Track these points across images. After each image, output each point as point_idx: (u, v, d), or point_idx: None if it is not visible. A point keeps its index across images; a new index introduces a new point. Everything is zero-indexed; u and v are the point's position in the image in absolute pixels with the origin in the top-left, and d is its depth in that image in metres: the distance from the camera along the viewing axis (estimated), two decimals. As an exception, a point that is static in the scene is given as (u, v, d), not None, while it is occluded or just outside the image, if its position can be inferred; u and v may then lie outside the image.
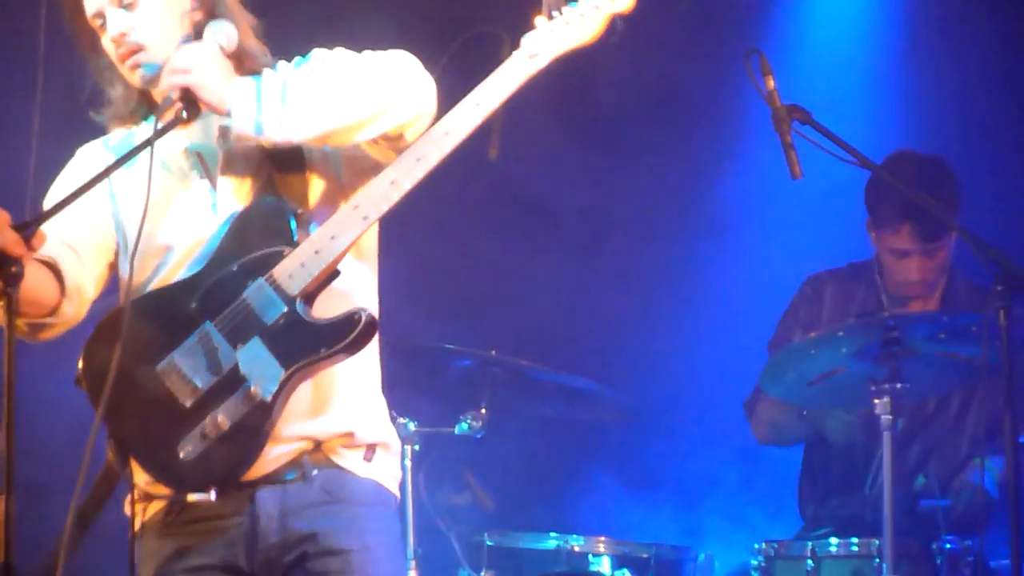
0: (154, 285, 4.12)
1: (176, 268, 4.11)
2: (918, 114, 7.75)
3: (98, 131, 4.30)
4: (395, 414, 6.24)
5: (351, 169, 4.11)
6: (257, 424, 3.93)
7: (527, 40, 3.80)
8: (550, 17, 3.78)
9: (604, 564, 6.34)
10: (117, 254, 4.22)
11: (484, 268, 7.47)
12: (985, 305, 5.66)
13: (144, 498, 4.09)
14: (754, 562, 6.18)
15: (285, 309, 3.95)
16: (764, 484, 7.43)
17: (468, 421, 6.42)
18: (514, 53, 3.80)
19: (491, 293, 7.41)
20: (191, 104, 3.93)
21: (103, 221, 4.20)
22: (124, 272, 4.15)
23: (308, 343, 3.94)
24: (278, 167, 4.05)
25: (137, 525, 4.09)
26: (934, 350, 5.88)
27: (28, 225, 3.65)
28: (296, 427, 4.02)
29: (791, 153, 5.56)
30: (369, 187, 3.96)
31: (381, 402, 4.20)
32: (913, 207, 6.50)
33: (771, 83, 5.64)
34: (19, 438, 3.53)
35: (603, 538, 6.32)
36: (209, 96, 3.92)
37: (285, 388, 3.93)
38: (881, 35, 8.04)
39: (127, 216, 4.16)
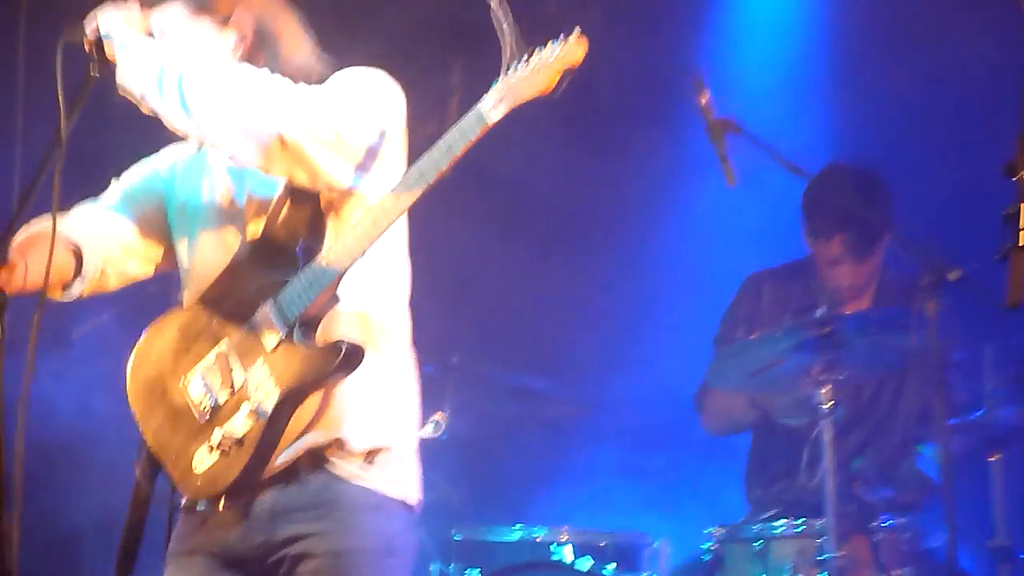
0: (188, 300, 4.24)
1: (203, 284, 4.20)
2: (852, 120, 7.82)
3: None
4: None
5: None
6: (259, 440, 3.98)
7: (489, 93, 3.83)
8: (507, 72, 3.82)
9: (566, 552, 6.40)
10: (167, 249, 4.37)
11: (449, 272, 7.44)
12: (915, 297, 5.86)
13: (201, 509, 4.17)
14: (706, 546, 6.27)
15: (284, 334, 4.01)
16: (713, 474, 7.46)
17: (432, 423, 6.53)
18: (477, 105, 3.84)
19: (453, 296, 7.42)
20: (100, 54, 4.02)
21: (156, 216, 4.35)
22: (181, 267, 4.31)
23: (301, 368, 3.98)
24: (294, 197, 4.10)
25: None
26: (867, 341, 6.00)
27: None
28: (294, 438, 4.04)
29: (726, 163, 5.75)
30: (355, 225, 3.98)
31: (385, 407, 4.17)
32: (846, 219, 6.62)
33: (705, 97, 5.83)
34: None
35: (565, 528, 6.39)
36: (112, 50, 4.01)
37: (283, 408, 3.97)
38: (816, 43, 8.09)
39: (179, 225, 4.31)
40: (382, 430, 4.16)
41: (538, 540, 6.36)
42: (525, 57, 3.84)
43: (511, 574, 6.40)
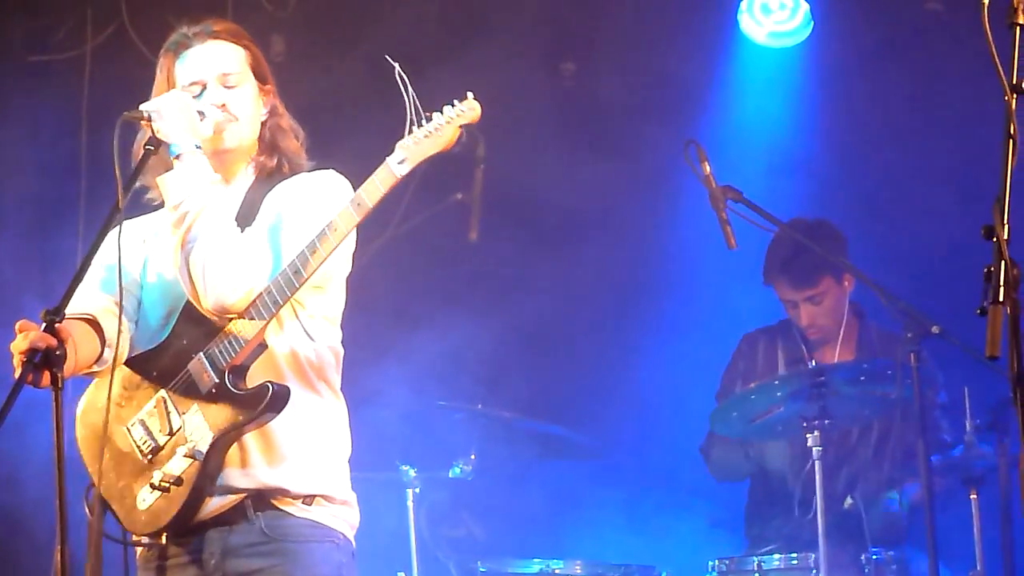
0: (129, 355, 4.27)
1: (145, 342, 4.25)
2: (840, 184, 7.83)
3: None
4: (398, 461, 6.49)
5: None
6: (196, 479, 4.03)
7: (396, 151, 3.95)
8: (410, 131, 3.93)
9: (581, 583, 6.40)
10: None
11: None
12: (896, 349, 5.92)
13: (134, 542, 4.19)
14: (708, 576, 6.29)
15: (216, 381, 4.06)
16: (715, 511, 7.48)
17: (460, 466, 6.56)
18: (386, 159, 3.96)
19: (475, 352, 7.48)
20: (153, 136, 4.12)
21: (135, 278, 4.34)
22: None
23: (231, 412, 4.03)
24: None
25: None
26: (855, 390, 6.08)
27: (58, 310, 3.86)
28: (236, 480, 4.09)
29: (727, 228, 5.84)
30: (277, 279, 4.04)
31: (324, 457, 4.22)
32: (783, 262, 6.71)
33: (707, 168, 5.90)
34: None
35: (580, 561, 6.37)
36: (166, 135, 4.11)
37: (216, 449, 4.04)
38: (805, 109, 8.10)
39: (143, 276, 4.34)
40: (320, 476, 4.20)
41: (556, 572, 6.36)
42: (425, 119, 3.95)
43: (532, 602, 6.41)
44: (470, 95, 3.97)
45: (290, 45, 7.67)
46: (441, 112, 3.97)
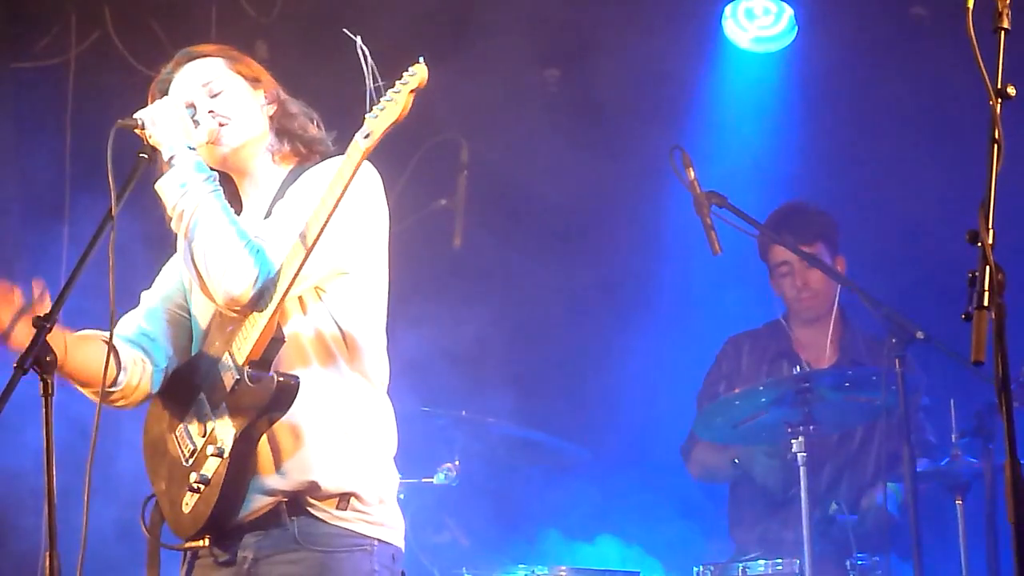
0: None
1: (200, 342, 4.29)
2: (825, 188, 7.78)
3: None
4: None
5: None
6: (224, 478, 4.03)
7: (363, 127, 3.97)
8: (371, 108, 3.96)
9: (565, 590, 6.39)
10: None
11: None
12: (880, 354, 5.93)
13: (182, 547, 4.22)
14: (693, 583, 6.29)
15: (237, 377, 4.06)
16: (702, 518, 7.50)
17: (444, 472, 6.53)
18: (355, 136, 3.99)
19: (459, 357, 7.48)
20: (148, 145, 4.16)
21: (177, 298, 4.40)
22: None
23: (247, 408, 4.04)
24: None
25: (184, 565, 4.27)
26: (839, 396, 6.06)
27: (49, 317, 3.88)
28: (271, 482, 4.09)
29: (711, 233, 5.82)
30: (279, 268, 4.03)
31: (356, 452, 4.18)
32: (785, 216, 6.81)
33: (691, 173, 5.88)
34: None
35: (564, 568, 6.32)
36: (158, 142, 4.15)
37: (240, 446, 4.04)
38: (790, 116, 8.14)
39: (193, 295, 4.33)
40: (354, 472, 4.16)
41: (540, 578, 6.34)
42: (384, 93, 3.98)
43: (517, 609, 6.39)
44: (420, 59, 3.99)
45: (274, 50, 7.63)
46: (394, 85, 4.00)
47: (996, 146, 3.06)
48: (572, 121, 7.96)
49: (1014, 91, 3.14)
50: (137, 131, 4.16)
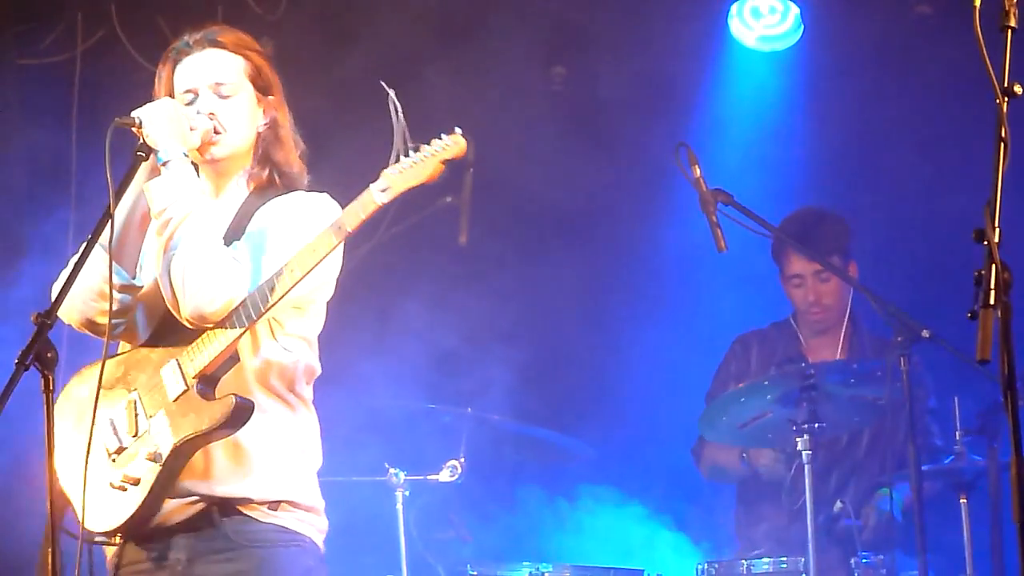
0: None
1: (142, 334, 4.27)
2: (830, 188, 7.82)
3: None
4: (387, 465, 6.49)
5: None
6: (153, 483, 4.05)
7: (380, 179, 3.96)
8: (397, 160, 3.94)
9: (570, 587, 6.39)
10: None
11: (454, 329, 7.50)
12: (887, 352, 5.91)
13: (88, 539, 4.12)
14: (698, 580, 6.27)
15: (184, 389, 4.07)
16: (706, 516, 7.48)
17: (449, 469, 6.48)
18: (370, 186, 3.97)
19: (464, 354, 7.50)
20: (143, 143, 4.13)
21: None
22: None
23: (194, 420, 4.03)
24: None
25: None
26: (845, 393, 6.04)
27: (49, 313, 3.87)
28: (201, 488, 4.11)
29: (717, 231, 5.81)
30: (253, 293, 4.04)
31: (291, 466, 4.23)
32: (802, 230, 6.69)
33: (697, 171, 5.85)
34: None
35: (569, 565, 6.35)
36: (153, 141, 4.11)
37: (177, 455, 4.04)
38: (794, 115, 8.15)
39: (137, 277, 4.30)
40: (286, 484, 4.21)
41: (545, 575, 6.32)
42: (412, 149, 3.96)
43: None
44: (458, 130, 3.99)
45: (280, 48, 7.61)
46: (429, 144, 3.98)
47: (1002, 144, 3.06)
48: (577, 119, 7.96)
49: (1021, 89, 3.14)
50: (134, 129, 4.14)
